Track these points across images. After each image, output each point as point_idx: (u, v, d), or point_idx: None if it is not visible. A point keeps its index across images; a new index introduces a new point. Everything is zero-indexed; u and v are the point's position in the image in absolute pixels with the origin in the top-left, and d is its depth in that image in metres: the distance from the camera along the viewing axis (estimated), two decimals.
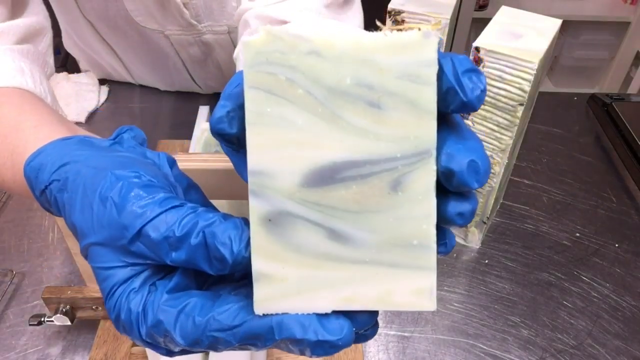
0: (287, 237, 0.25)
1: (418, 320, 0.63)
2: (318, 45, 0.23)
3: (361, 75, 0.23)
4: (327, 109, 0.24)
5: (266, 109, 0.24)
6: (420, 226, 0.25)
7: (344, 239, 0.25)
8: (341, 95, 0.24)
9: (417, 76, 0.23)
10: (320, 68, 0.23)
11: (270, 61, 0.23)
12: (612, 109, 0.93)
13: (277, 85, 0.24)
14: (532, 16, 0.59)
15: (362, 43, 0.23)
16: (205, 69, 0.89)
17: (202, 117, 0.73)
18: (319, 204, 0.25)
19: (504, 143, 0.60)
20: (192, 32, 0.80)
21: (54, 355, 0.58)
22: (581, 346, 0.61)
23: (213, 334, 0.26)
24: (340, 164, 0.24)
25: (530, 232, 0.74)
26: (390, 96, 0.24)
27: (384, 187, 0.24)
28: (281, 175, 0.24)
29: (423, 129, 0.24)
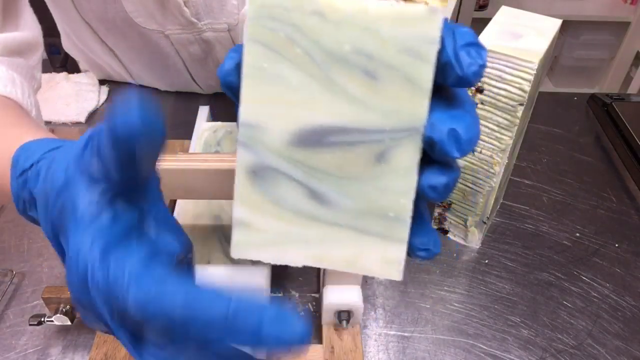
0: (269, 191, 0.25)
1: (418, 320, 0.63)
2: (323, 6, 0.23)
3: (361, 43, 0.23)
4: (323, 72, 0.24)
5: (263, 64, 0.24)
6: (398, 200, 0.25)
7: (323, 201, 0.25)
8: (339, 60, 0.23)
9: (418, 52, 0.23)
10: (322, 30, 0.23)
11: (273, 16, 0.23)
12: (612, 109, 0.93)
13: (277, 42, 0.23)
14: (532, 16, 0.59)
15: (368, 10, 0.23)
16: (205, 67, 0.89)
17: (202, 117, 0.73)
18: (304, 164, 0.25)
19: (504, 143, 0.60)
20: (192, 31, 0.80)
21: (54, 355, 0.58)
22: (581, 346, 0.61)
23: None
24: (329, 128, 0.24)
25: (530, 232, 0.74)
26: (387, 68, 0.23)
27: (368, 157, 0.25)
28: (271, 131, 0.25)
29: (415, 106, 0.24)
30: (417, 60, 0.23)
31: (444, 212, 0.72)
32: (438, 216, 0.73)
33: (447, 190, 0.25)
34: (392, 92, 0.24)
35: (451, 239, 0.73)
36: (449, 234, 0.73)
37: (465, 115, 0.24)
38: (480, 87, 0.58)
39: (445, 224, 0.73)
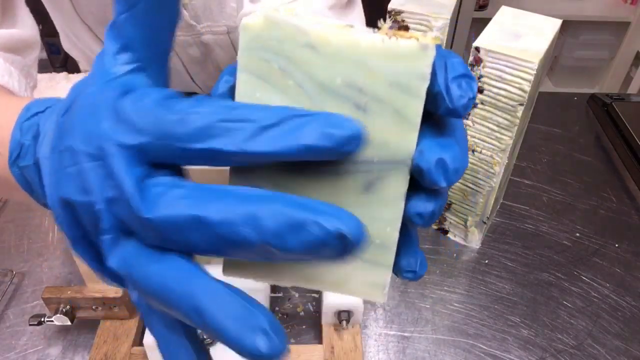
0: None
1: (418, 320, 0.63)
2: (315, 39, 0.23)
3: (352, 77, 0.23)
4: (314, 104, 0.24)
5: (255, 94, 0.24)
6: (385, 228, 0.26)
7: None
8: (330, 93, 0.24)
9: (408, 87, 0.23)
10: (314, 63, 0.23)
11: (266, 48, 0.23)
12: (612, 109, 0.93)
13: (270, 73, 0.24)
14: (532, 16, 0.59)
15: (359, 44, 0.23)
16: (205, 69, 0.89)
17: None
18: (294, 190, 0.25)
19: (504, 143, 0.60)
20: (191, 33, 0.80)
21: (54, 355, 0.58)
22: (581, 346, 0.61)
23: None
24: None
25: (530, 232, 0.74)
26: (377, 102, 0.24)
27: (356, 186, 0.25)
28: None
29: (403, 139, 0.24)
30: (406, 95, 0.23)
31: (444, 212, 0.72)
32: None
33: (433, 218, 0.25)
34: (382, 125, 0.24)
35: (451, 239, 0.73)
36: (449, 234, 0.73)
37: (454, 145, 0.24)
38: (480, 87, 0.58)
39: (445, 224, 0.73)
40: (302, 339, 0.60)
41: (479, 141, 0.62)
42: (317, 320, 0.61)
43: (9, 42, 0.55)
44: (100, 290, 0.56)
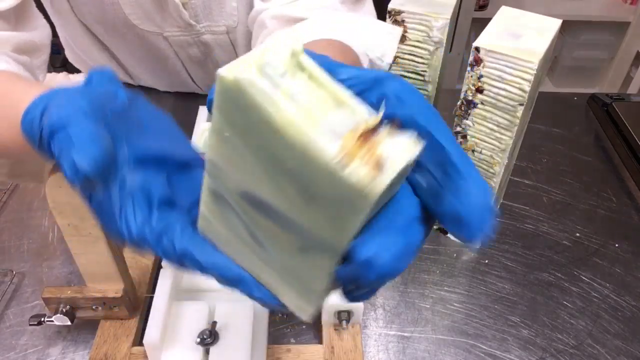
0: (222, 211, 0.29)
1: (418, 320, 0.63)
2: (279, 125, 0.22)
3: (303, 171, 0.23)
4: (269, 168, 0.24)
5: (225, 133, 0.25)
6: (315, 281, 0.27)
7: (260, 244, 0.28)
8: (284, 170, 0.24)
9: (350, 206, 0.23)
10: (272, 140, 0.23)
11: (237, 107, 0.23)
12: (612, 109, 0.93)
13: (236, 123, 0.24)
14: (532, 16, 0.59)
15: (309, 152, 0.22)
16: (205, 69, 0.89)
17: (202, 117, 0.73)
18: (248, 214, 0.28)
19: (504, 143, 0.60)
20: (190, 33, 0.80)
21: (54, 355, 0.58)
22: (581, 346, 0.61)
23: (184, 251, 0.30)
24: (267, 205, 0.26)
25: (530, 232, 0.74)
26: (322, 199, 0.23)
27: (293, 244, 0.27)
28: (227, 177, 0.27)
29: (337, 239, 0.24)
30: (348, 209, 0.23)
31: None
32: None
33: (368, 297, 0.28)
34: (322, 217, 0.24)
35: (451, 239, 0.73)
36: (449, 234, 0.73)
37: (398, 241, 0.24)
38: (480, 87, 0.58)
39: None
40: (302, 339, 0.60)
41: (479, 141, 0.62)
42: (317, 320, 0.61)
43: (19, 43, 0.58)
44: (100, 290, 0.56)
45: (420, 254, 0.71)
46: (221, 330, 0.53)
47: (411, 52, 0.64)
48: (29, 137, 0.33)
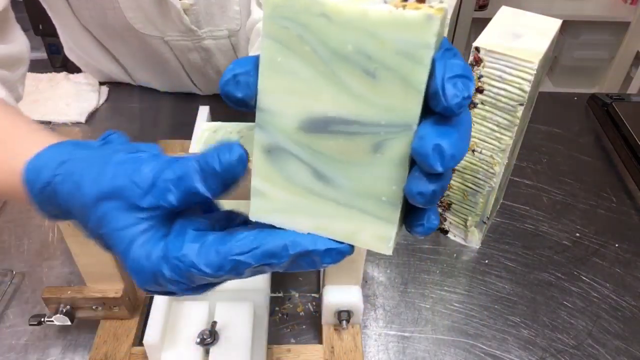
0: (280, 167, 0.29)
1: (418, 320, 0.63)
2: (328, 9, 0.25)
3: (362, 45, 0.25)
4: (328, 68, 0.26)
5: (277, 58, 0.27)
6: (391, 187, 0.28)
7: (326, 180, 0.29)
8: (342, 58, 0.26)
9: (414, 55, 0.25)
10: (327, 31, 0.25)
11: (285, 16, 0.26)
12: (612, 109, 0.93)
13: (289, 39, 0.26)
14: (532, 16, 0.59)
15: (369, 15, 0.25)
16: (204, 75, 0.89)
17: (202, 117, 0.73)
18: (310, 147, 0.28)
19: (504, 143, 0.60)
20: (191, 38, 0.80)
21: (54, 355, 0.58)
22: (581, 346, 0.61)
23: (235, 258, 0.30)
24: (332, 118, 0.27)
25: (530, 232, 0.74)
26: (385, 69, 0.25)
27: (366, 147, 0.27)
28: (282, 116, 0.28)
29: (409, 104, 0.26)
30: (412, 63, 0.25)
31: (444, 212, 0.72)
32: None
33: (435, 198, 0.27)
34: (389, 91, 0.26)
35: (451, 239, 0.73)
36: (449, 234, 0.73)
37: (454, 133, 0.26)
38: (480, 87, 0.58)
39: (445, 224, 0.73)
40: (302, 339, 0.60)
41: (479, 141, 0.62)
42: (317, 320, 0.61)
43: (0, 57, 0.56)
44: (100, 290, 0.56)
45: (420, 254, 0.71)
46: (221, 330, 0.53)
47: None
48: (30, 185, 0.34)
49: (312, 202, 0.29)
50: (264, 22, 0.26)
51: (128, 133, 0.38)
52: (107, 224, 0.31)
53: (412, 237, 0.72)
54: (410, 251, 0.71)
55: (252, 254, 0.30)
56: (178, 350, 0.52)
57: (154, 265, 0.31)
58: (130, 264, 0.31)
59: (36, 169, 0.34)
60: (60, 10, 0.80)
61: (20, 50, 0.60)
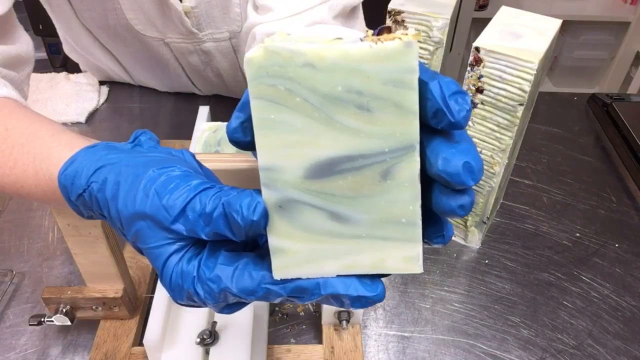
0: (295, 219, 0.29)
1: (418, 320, 0.63)
2: (311, 57, 0.26)
3: (351, 83, 0.26)
4: (322, 113, 0.27)
5: (270, 116, 0.27)
6: (408, 207, 0.29)
7: (343, 219, 0.29)
8: (334, 100, 0.27)
9: (401, 81, 0.26)
10: (314, 78, 0.26)
11: (271, 74, 0.26)
12: (612, 109, 0.93)
13: (278, 95, 0.27)
14: (532, 16, 0.59)
15: (350, 54, 0.26)
16: (204, 78, 0.89)
17: (202, 117, 0.73)
18: (320, 192, 0.29)
19: (504, 143, 0.60)
20: (192, 41, 0.80)
21: (54, 355, 0.58)
22: (581, 346, 0.61)
23: (267, 287, 0.30)
24: (336, 159, 0.28)
25: (530, 232, 0.74)
26: (377, 100, 0.26)
27: (375, 177, 0.28)
28: (286, 170, 0.28)
29: (407, 127, 0.27)
30: (402, 88, 0.26)
31: None
32: None
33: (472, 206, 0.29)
34: (385, 119, 0.27)
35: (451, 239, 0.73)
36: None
37: (472, 149, 0.28)
38: (481, 87, 0.58)
39: None
40: (302, 339, 0.60)
41: (479, 141, 0.62)
42: (317, 320, 0.61)
43: (7, 58, 0.57)
44: (100, 290, 0.56)
45: None
46: (221, 330, 0.53)
47: None
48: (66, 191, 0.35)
49: (334, 245, 0.30)
50: (249, 84, 0.27)
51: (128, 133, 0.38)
52: (143, 241, 0.32)
53: None
54: None
55: (285, 286, 0.30)
56: (178, 350, 0.52)
57: (188, 284, 0.31)
58: (165, 281, 0.32)
59: (71, 176, 0.35)
60: (62, 11, 0.80)
61: (26, 50, 0.61)
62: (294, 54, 0.26)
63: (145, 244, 0.32)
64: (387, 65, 0.26)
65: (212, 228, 0.30)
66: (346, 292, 0.30)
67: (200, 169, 0.36)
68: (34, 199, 0.42)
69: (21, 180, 0.41)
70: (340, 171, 0.28)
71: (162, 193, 0.31)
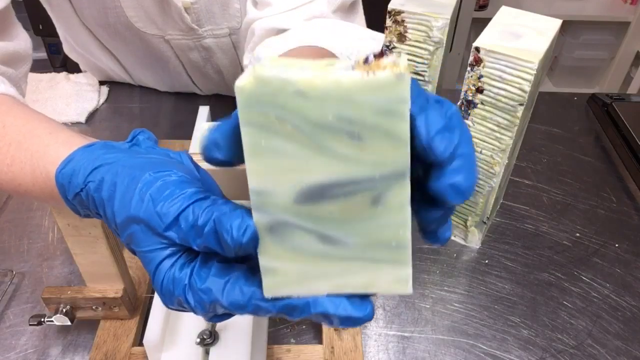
0: (285, 241, 0.29)
1: (418, 320, 0.63)
2: (302, 86, 0.26)
3: (342, 112, 0.26)
4: (313, 141, 0.27)
5: (260, 142, 0.27)
6: (397, 232, 0.29)
7: (333, 241, 0.29)
8: (325, 128, 0.26)
9: (393, 111, 0.26)
10: (305, 107, 0.26)
11: (261, 102, 0.26)
12: (612, 109, 0.93)
13: (269, 122, 0.27)
14: (532, 16, 0.59)
15: (342, 83, 0.25)
16: (205, 75, 0.89)
17: (202, 117, 0.73)
18: (311, 216, 0.29)
19: (504, 143, 0.60)
20: (192, 37, 0.80)
21: (54, 355, 0.58)
22: (581, 346, 0.61)
23: (257, 303, 0.31)
24: (327, 185, 0.28)
25: (530, 232, 0.74)
26: (368, 129, 0.26)
27: (365, 202, 0.28)
28: (277, 194, 0.28)
29: (397, 155, 0.27)
30: (393, 118, 0.26)
31: None
32: None
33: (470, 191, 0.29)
34: (376, 148, 0.27)
35: (451, 238, 0.73)
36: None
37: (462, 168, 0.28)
38: (480, 87, 0.58)
39: None
40: (302, 339, 0.60)
41: (479, 141, 0.62)
42: None
43: (5, 54, 0.57)
44: (100, 290, 0.56)
45: (420, 254, 0.71)
46: (221, 330, 0.53)
47: (411, 52, 0.64)
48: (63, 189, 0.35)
49: (324, 266, 0.30)
50: (240, 111, 0.26)
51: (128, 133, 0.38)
52: (136, 244, 0.32)
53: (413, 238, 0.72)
54: None
55: (274, 304, 0.30)
56: (178, 350, 0.52)
57: (179, 292, 0.32)
58: (157, 285, 0.32)
59: (68, 174, 0.35)
60: (62, 9, 0.80)
61: (24, 48, 0.61)
62: (284, 82, 0.26)
63: (138, 247, 0.32)
64: (378, 96, 0.25)
65: (203, 242, 0.30)
66: (335, 311, 0.30)
67: (198, 172, 0.36)
68: (31, 196, 0.41)
69: (18, 178, 0.40)
70: (330, 196, 0.28)
71: (157, 199, 0.31)
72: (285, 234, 0.29)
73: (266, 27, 0.65)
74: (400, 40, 0.63)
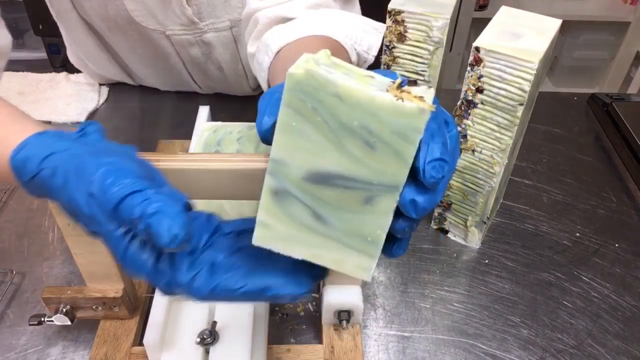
0: (284, 206, 0.35)
1: (418, 320, 0.63)
2: (341, 91, 0.31)
3: (366, 122, 0.31)
4: (335, 137, 0.32)
5: (292, 123, 0.32)
6: (376, 231, 0.35)
7: (323, 220, 0.35)
8: (348, 130, 0.32)
9: (407, 136, 0.31)
10: (338, 108, 0.31)
11: (304, 91, 0.31)
12: (612, 109, 0.93)
13: (304, 109, 0.32)
14: (532, 16, 0.59)
15: (375, 101, 0.31)
16: (205, 71, 0.89)
17: (202, 117, 0.73)
18: (312, 194, 0.34)
19: (504, 143, 0.60)
20: (193, 32, 0.80)
21: (54, 355, 0.58)
22: (581, 346, 0.61)
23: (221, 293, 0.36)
24: (333, 174, 0.33)
25: (530, 232, 0.74)
26: (382, 143, 0.32)
27: (359, 198, 0.34)
28: (291, 167, 0.33)
29: (398, 172, 0.33)
30: (405, 141, 0.31)
31: (444, 212, 0.72)
32: (438, 216, 0.73)
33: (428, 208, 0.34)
34: (383, 160, 0.32)
35: (451, 239, 0.73)
36: (449, 234, 0.73)
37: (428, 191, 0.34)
38: (480, 87, 0.58)
39: (445, 224, 0.73)
40: (302, 339, 0.60)
41: (479, 141, 0.62)
42: (317, 320, 0.61)
43: None
44: (100, 290, 0.56)
45: (420, 254, 0.71)
46: (221, 330, 0.53)
47: (411, 52, 0.64)
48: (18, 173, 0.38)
49: (308, 236, 0.35)
50: (285, 93, 0.31)
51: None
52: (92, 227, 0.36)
53: (413, 238, 0.72)
54: (410, 251, 0.71)
55: (234, 293, 0.36)
56: (178, 350, 0.52)
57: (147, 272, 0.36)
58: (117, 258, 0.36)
59: (22, 160, 0.38)
60: (61, 6, 0.80)
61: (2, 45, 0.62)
62: (328, 83, 0.30)
63: (94, 228, 0.36)
64: (400, 120, 0.31)
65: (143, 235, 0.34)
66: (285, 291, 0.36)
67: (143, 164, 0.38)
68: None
69: None
70: (333, 184, 0.33)
71: (101, 186, 0.34)
72: (286, 201, 0.34)
73: (271, 15, 0.67)
74: (400, 40, 0.63)
